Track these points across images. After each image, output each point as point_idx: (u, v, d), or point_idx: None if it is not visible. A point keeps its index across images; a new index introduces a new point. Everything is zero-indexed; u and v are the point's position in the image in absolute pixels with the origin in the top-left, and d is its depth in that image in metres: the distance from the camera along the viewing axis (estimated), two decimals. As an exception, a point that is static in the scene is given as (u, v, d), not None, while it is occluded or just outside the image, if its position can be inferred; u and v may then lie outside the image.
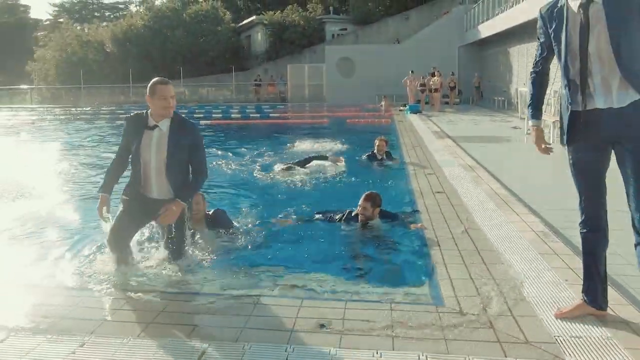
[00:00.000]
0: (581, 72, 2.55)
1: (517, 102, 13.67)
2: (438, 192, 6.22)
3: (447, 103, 23.89)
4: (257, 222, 5.18)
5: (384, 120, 17.77)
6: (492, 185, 6.48)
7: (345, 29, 38.41)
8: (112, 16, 62.37)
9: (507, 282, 3.28)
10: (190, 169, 3.77)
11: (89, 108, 29.21)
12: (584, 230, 2.75)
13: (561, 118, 2.75)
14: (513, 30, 19.03)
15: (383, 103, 21.65)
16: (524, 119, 12.48)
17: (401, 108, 21.33)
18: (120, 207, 3.75)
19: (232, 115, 22.12)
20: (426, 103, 22.56)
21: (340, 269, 3.82)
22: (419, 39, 29.04)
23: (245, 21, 41.58)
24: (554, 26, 2.64)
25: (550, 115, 11.10)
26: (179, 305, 3.08)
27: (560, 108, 2.79)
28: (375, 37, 34.19)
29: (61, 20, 55.36)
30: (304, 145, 11.38)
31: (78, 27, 47.43)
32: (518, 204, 5.48)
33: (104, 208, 3.67)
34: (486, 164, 7.90)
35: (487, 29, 22.92)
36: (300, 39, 37.15)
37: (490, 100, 23.07)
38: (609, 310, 2.78)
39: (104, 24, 47.39)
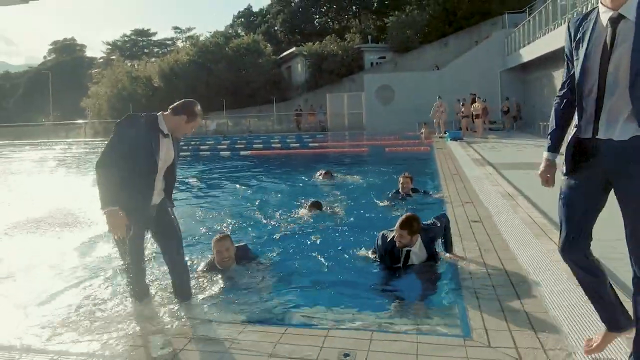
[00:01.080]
0: (597, 94, 2.32)
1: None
2: (474, 220, 6.12)
3: (491, 129, 23.56)
4: (282, 253, 5.24)
5: (424, 147, 17.66)
6: (531, 213, 6.33)
7: (384, 57, 38.71)
8: (160, 52, 65.16)
9: (540, 316, 3.20)
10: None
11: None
12: (572, 268, 2.59)
13: (567, 144, 2.53)
14: (556, 53, 18.73)
15: (423, 130, 21.56)
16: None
17: (442, 135, 21.18)
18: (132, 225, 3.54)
19: (273, 145, 22.50)
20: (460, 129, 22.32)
21: (367, 299, 3.82)
22: (459, 65, 28.94)
23: (285, 53, 42.56)
24: (577, 38, 2.41)
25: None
26: (205, 332, 3.17)
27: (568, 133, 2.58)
28: (414, 64, 34.27)
29: (113, 57, 58.22)
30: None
31: (128, 64, 49.67)
32: (557, 233, 5.33)
33: (125, 223, 3.37)
34: (527, 191, 7.69)
35: (529, 53, 22.64)
36: (339, 68, 37.66)
37: (536, 125, 22.56)
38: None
39: (152, 59, 49.47)
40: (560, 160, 2.60)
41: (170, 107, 3.59)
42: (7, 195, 10.83)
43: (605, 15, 2.28)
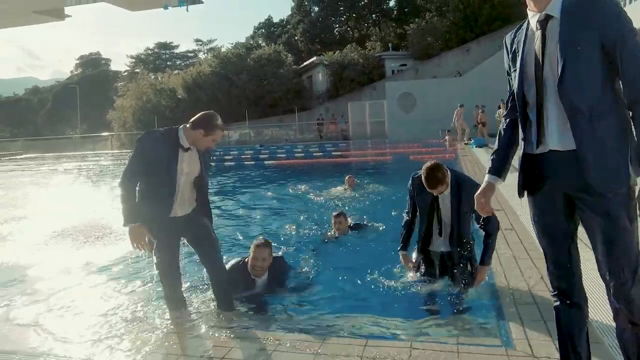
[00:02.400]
0: (537, 102, 2.13)
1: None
2: (507, 229, 6.04)
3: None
4: (314, 264, 5.26)
5: (448, 155, 17.52)
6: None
7: (405, 65, 38.66)
8: (182, 64, 66.15)
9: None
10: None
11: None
12: (556, 303, 2.32)
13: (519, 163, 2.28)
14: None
15: (447, 137, 21.41)
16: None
17: (466, 142, 20.99)
18: (154, 238, 3.66)
19: (296, 155, 22.59)
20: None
21: (404, 308, 3.80)
22: (481, 71, 28.71)
23: (306, 62, 42.82)
24: (513, 49, 2.27)
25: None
26: (246, 345, 3.19)
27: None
28: (436, 71, 34.15)
29: (137, 70, 59.31)
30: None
31: (152, 77, 50.55)
32: (588, 249, 5.21)
33: (146, 237, 3.49)
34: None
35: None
36: (360, 77, 37.73)
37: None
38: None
39: (175, 71, 50.27)
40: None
41: (191, 120, 3.57)
42: (39, 207, 11.08)
43: (533, 20, 2.18)
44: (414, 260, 4.42)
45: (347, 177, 10.55)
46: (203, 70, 41.86)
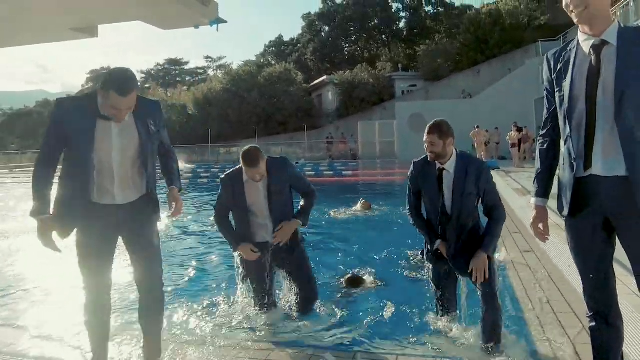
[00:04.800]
0: (587, 125, 2.13)
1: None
2: (526, 251, 6.02)
3: (525, 158, 23.28)
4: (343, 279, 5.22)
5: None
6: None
7: (415, 85, 38.88)
8: (192, 80, 66.88)
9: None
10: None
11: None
12: (592, 324, 2.34)
13: (559, 183, 2.32)
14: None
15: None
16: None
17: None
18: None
19: (307, 174, 22.65)
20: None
21: (427, 326, 3.77)
22: (492, 94, 28.84)
23: (317, 81, 43.18)
24: (558, 68, 2.27)
25: None
26: (281, 357, 3.18)
27: (559, 171, 2.35)
28: (445, 93, 34.31)
29: (147, 85, 59.93)
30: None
31: (162, 92, 51.08)
32: (615, 264, 5.19)
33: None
34: (574, 221, 7.52)
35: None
36: (370, 96, 37.96)
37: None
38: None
39: (185, 87, 50.75)
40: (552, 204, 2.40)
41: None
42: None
43: (586, 43, 2.18)
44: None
45: (362, 201, 10.60)
46: (214, 86, 42.29)
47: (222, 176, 4.06)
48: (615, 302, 2.31)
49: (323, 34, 51.06)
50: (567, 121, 2.20)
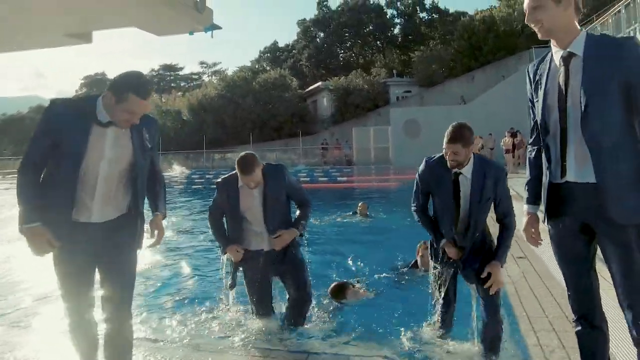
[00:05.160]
0: (560, 133, 2.24)
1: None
2: (520, 257, 6.03)
3: (519, 164, 23.35)
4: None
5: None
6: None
7: (410, 91, 39.02)
8: (186, 86, 66.86)
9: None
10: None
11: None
12: (578, 328, 2.40)
13: (543, 190, 2.41)
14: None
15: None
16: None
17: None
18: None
19: (302, 179, 22.64)
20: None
21: (420, 335, 3.76)
22: (486, 100, 28.98)
23: (311, 87, 43.26)
24: (536, 80, 2.38)
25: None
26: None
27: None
28: (440, 99, 34.44)
29: (142, 91, 59.67)
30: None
31: (157, 97, 51.00)
32: (605, 268, 5.22)
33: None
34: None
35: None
36: (365, 102, 38.05)
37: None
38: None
39: (179, 93, 50.70)
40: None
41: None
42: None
43: (557, 55, 2.28)
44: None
45: (360, 205, 10.52)
46: (209, 92, 42.29)
47: (218, 180, 4.04)
48: (599, 305, 2.36)
49: (318, 40, 51.24)
50: (543, 131, 2.32)
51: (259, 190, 3.84)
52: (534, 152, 2.48)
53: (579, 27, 2.26)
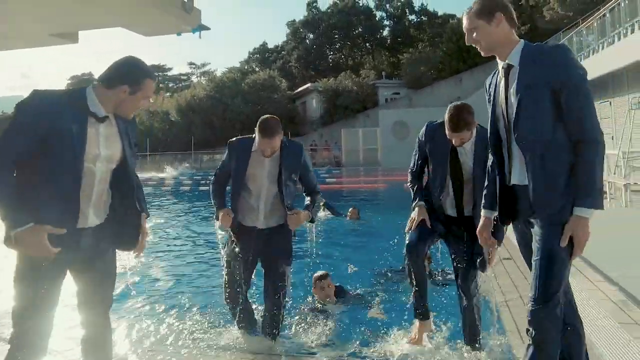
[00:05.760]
0: (507, 140, 2.41)
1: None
2: (506, 258, 6.09)
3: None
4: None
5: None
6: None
7: (398, 93, 39.14)
8: (175, 86, 66.41)
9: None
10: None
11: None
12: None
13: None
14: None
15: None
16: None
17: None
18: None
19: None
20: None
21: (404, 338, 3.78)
22: (474, 101, 28.92)
23: (301, 88, 43.18)
24: (489, 91, 2.56)
25: (621, 177, 10.74)
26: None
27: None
28: (429, 100, 34.57)
29: (130, 92, 59.17)
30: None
31: (145, 98, 50.58)
32: (591, 270, 5.28)
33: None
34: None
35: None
36: (353, 104, 38.07)
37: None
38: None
39: (168, 94, 50.37)
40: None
41: (102, 74, 2.41)
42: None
43: (500, 67, 2.44)
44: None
45: (350, 210, 10.54)
46: (197, 93, 42.05)
47: (232, 139, 3.83)
48: (570, 302, 2.43)
49: (307, 41, 51.16)
50: (495, 139, 2.48)
51: (272, 162, 3.62)
52: (490, 161, 2.60)
53: (516, 37, 2.40)
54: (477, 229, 2.67)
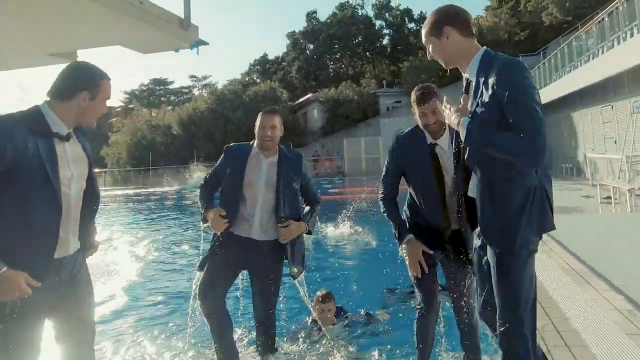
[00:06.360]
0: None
1: (587, 169, 13.24)
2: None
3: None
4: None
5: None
6: (567, 259, 6.20)
7: (400, 102, 39.22)
8: (177, 100, 66.74)
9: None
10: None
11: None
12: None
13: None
14: (573, 95, 18.83)
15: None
16: (596, 186, 12.04)
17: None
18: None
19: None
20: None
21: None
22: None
23: (302, 99, 43.35)
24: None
25: (625, 182, 10.67)
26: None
27: None
28: (430, 108, 34.58)
29: (131, 106, 59.64)
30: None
31: (145, 111, 50.84)
32: (597, 279, 5.21)
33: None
34: (558, 236, 7.51)
35: (545, 96, 22.72)
36: (355, 113, 38.18)
37: (557, 167, 22.39)
38: None
39: (169, 107, 50.60)
40: None
41: (50, 89, 2.23)
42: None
43: (464, 80, 2.42)
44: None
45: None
46: (199, 106, 42.24)
47: (230, 144, 3.69)
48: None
49: (307, 51, 51.45)
50: (456, 154, 2.50)
51: (269, 166, 3.47)
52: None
53: (474, 46, 2.33)
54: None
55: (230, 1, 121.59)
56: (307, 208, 3.63)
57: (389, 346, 4.06)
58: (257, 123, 3.52)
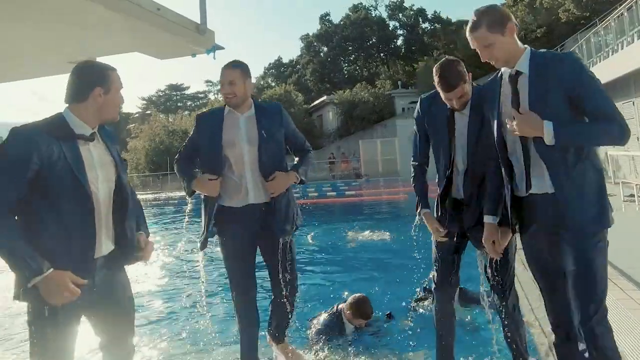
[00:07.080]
0: (522, 148, 2.34)
1: (609, 166, 12.97)
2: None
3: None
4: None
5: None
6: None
7: (415, 102, 38.90)
8: (193, 105, 67.28)
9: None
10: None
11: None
12: (555, 340, 2.52)
13: (507, 203, 2.47)
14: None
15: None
16: (618, 184, 11.81)
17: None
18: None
19: (309, 195, 22.59)
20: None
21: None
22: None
23: (317, 102, 43.39)
24: (488, 98, 2.54)
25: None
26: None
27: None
28: (446, 108, 34.38)
29: (149, 112, 60.27)
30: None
31: (162, 116, 51.34)
32: (622, 278, 5.10)
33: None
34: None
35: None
36: (370, 115, 38.07)
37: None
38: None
39: (186, 112, 50.99)
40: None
41: (66, 96, 2.29)
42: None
43: (506, 74, 2.41)
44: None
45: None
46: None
47: (202, 111, 3.45)
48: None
49: (322, 54, 51.56)
50: (502, 148, 2.43)
51: (246, 120, 3.21)
52: (492, 167, 2.56)
53: (520, 44, 2.37)
54: (484, 237, 2.60)
55: (245, 6, 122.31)
56: (296, 158, 3.47)
57: (410, 343, 4.05)
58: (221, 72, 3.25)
